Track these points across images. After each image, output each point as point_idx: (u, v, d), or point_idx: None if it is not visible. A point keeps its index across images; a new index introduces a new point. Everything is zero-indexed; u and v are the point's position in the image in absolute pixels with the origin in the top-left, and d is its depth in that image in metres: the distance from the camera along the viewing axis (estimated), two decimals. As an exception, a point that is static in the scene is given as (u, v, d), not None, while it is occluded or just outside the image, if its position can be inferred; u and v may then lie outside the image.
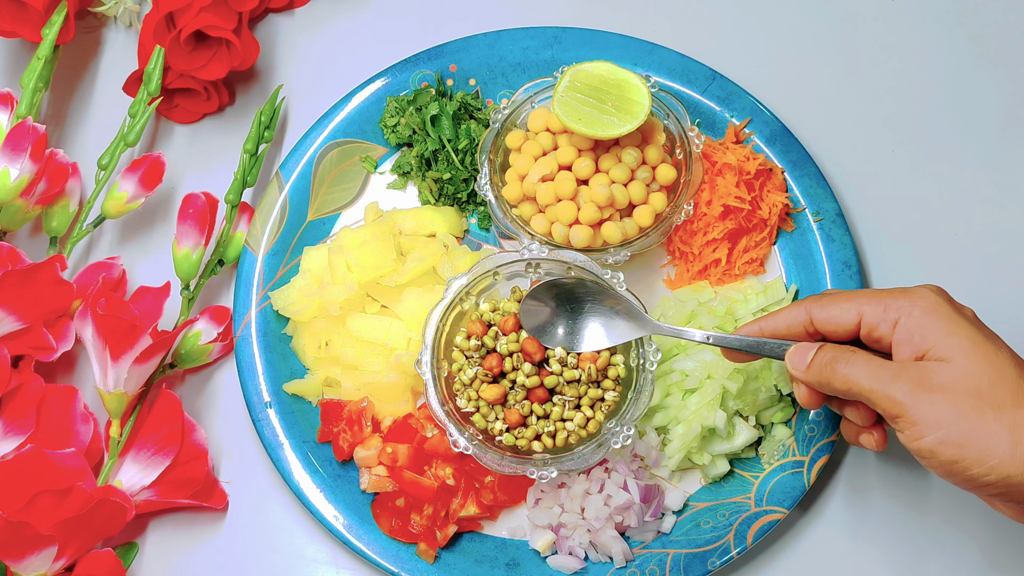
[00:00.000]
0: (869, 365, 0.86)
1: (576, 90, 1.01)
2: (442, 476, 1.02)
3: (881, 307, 0.88)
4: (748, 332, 0.94)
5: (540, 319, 0.98)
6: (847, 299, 0.90)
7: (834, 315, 0.90)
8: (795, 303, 0.93)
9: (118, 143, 1.08)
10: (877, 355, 0.88)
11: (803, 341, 0.92)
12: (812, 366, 0.89)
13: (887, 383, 0.84)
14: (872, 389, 0.85)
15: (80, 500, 0.94)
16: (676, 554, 1.01)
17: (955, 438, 0.82)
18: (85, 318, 0.98)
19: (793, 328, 0.92)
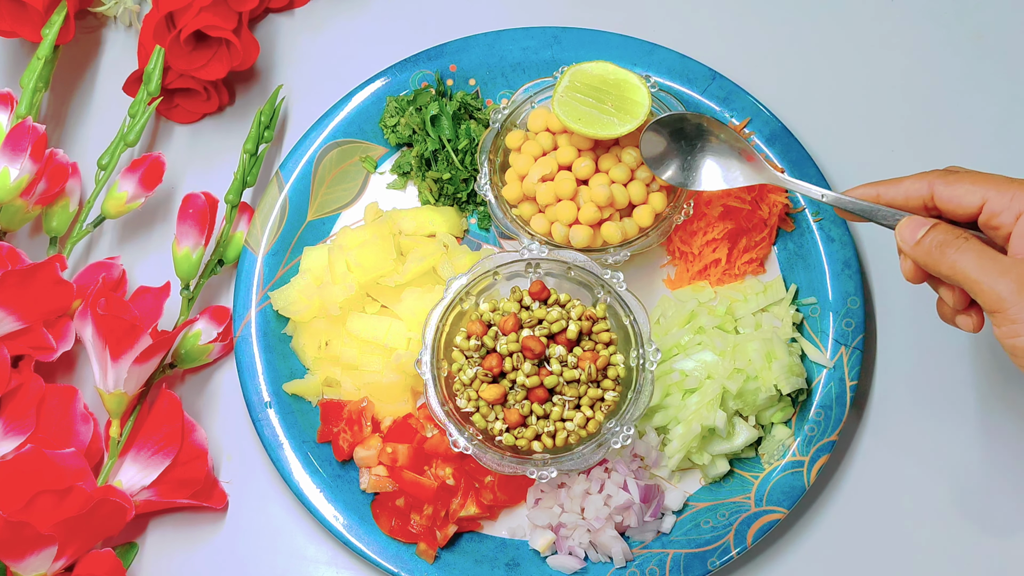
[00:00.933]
0: (980, 256, 0.84)
1: (576, 90, 1.01)
2: (442, 476, 1.02)
3: (1008, 196, 0.86)
4: (864, 195, 0.92)
5: (657, 150, 0.99)
6: (974, 181, 0.88)
7: (958, 195, 0.87)
8: (919, 174, 0.90)
9: (118, 143, 1.08)
10: (989, 244, 0.86)
11: (918, 214, 0.90)
12: (922, 243, 0.87)
13: (994, 277, 0.83)
14: (978, 280, 0.84)
15: (80, 500, 0.94)
16: (676, 554, 1.01)
17: None
18: (85, 318, 0.98)
19: (912, 200, 0.90)
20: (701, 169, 0.99)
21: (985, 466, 1.06)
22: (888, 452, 1.06)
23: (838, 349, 1.05)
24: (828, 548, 1.05)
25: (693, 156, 0.99)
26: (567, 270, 1.01)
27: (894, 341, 1.09)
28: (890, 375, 1.08)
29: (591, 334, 0.99)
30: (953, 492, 1.05)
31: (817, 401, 1.04)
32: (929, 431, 1.07)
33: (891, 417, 1.07)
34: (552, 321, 0.98)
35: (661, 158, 1.00)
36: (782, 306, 1.06)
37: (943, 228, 0.87)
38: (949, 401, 1.07)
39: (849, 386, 1.04)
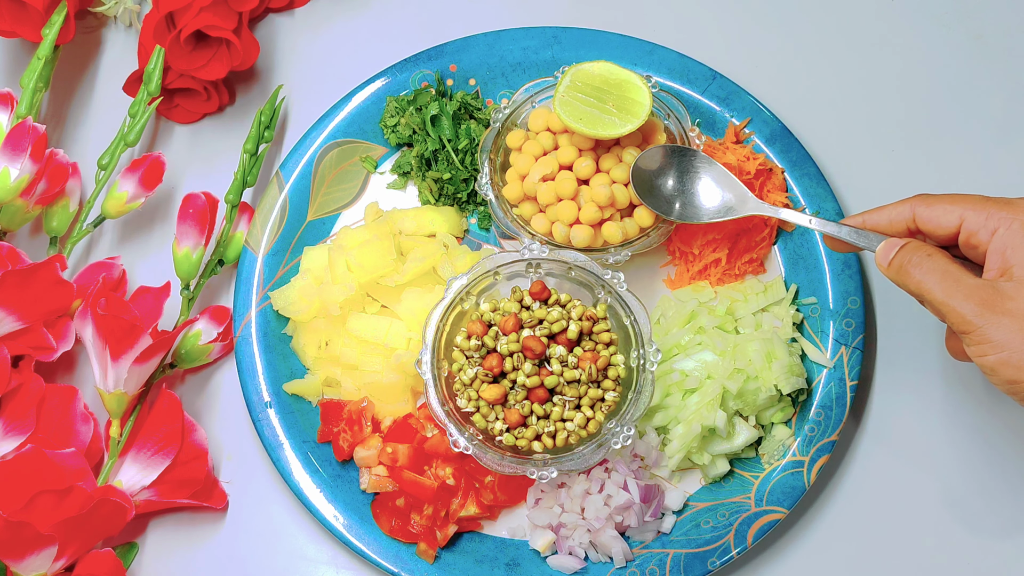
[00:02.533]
0: (944, 277, 0.86)
1: (577, 90, 1.01)
2: (442, 476, 1.02)
3: (984, 215, 0.88)
4: (851, 223, 0.94)
5: (649, 186, 1.01)
6: (952, 202, 0.89)
7: (936, 215, 0.90)
8: (903, 200, 0.92)
9: (118, 143, 1.08)
10: (968, 265, 0.88)
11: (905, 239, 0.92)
12: (892, 264, 0.89)
13: (958, 299, 0.85)
14: (942, 301, 0.86)
15: (80, 500, 0.94)
16: (676, 554, 1.01)
17: (1017, 361, 0.83)
18: (85, 318, 0.98)
19: (895, 224, 0.92)
20: (694, 200, 1.01)
21: (985, 466, 1.06)
22: (888, 452, 1.06)
23: (838, 349, 1.05)
24: (828, 548, 1.05)
25: (683, 187, 1.01)
26: (568, 270, 1.01)
27: (894, 341, 1.09)
28: (890, 375, 1.08)
29: (591, 334, 0.99)
30: (953, 492, 1.05)
31: (817, 401, 1.04)
32: (929, 431, 1.07)
33: (891, 417, 1.07)
34: (552, 321, 0.98)
35: (651, 186, 1.01)
36: (782, 306, 1.06)
37: (911, 247, 0.89)
38: (949, 401, 1.07)
39: (849, 386, 1.04)
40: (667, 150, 1.02)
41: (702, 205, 1.02)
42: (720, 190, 1.01)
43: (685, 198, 1.02)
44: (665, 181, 1.01)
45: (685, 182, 1.02)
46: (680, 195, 1.02)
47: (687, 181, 1.02)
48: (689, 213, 1.01)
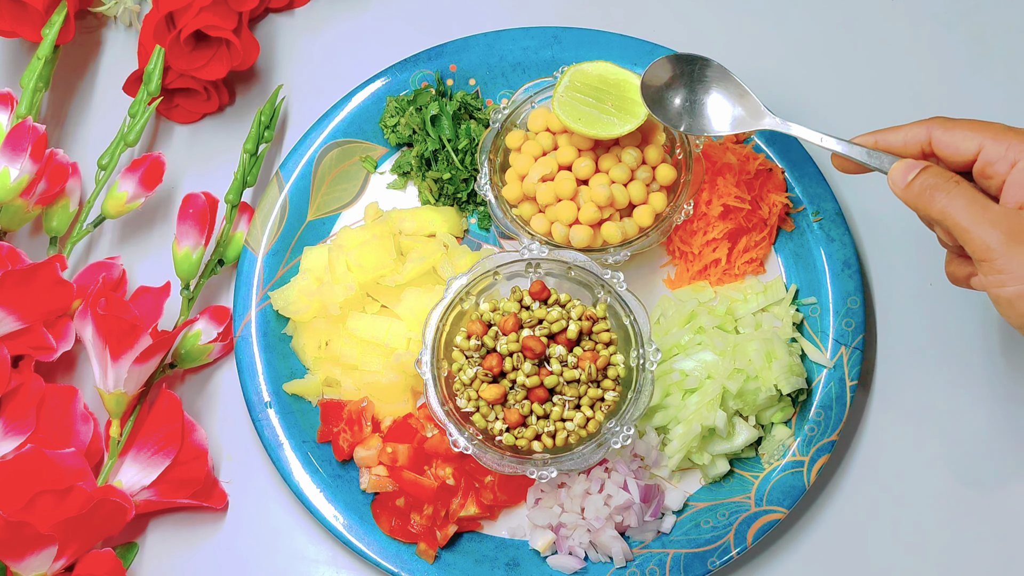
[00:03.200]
0: (971, 202, 0.84)
1: (576, 90, 1.01)
2: (442, 476, 1.02)
3: (1004, 145, 0.85)
4: (863, 142, 0.92)
5: (659, 87, 0.99)
6: (972, 128, 0.87)
7: (955, 141, 0.87)
8: (919, 121, 0.90)
9: (118, 143, 1.08)
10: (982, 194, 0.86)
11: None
12: (912, 186, 0.87)
13: (984, 226, 0.83)
14: (967, 227, 0.83)
15: (80, 500, 0.94)
16: (676, 554, 1.01)
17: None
18: (85, 318, 0.98)
19: (910, 146, 0.90)
20: (704, 111, 0.99)
21: (986, 466, 1.06)
22: (888, 452, 1.06)
23: (838, 349, 1.05)
24: (828, 548, 1.05)
25: (695, 98, 0.99)
26: (567, 270, 1.01)
27: (894, 341, 1.09)
28: (890, 375, 1.08)
29: (591, 334, 0.99)
30: (953, 492, 1.05)
31: (817, 401, 1.04)
32: (929, 431, 1.07)
33: (891, 417, 1.07)
34: (552, 321, 0.98)
35: (661, 98, 0.99)
36: (782, 306, 1.06)
37: (934, 171, 0.87)
38: (949, 401, 1.07)
39: (849, 386, 1.04)
40: (676, 60, 0.99)
41: (711, 118, 0.99)
42: (730, 104, 0.99)
43: (695, 110, 0.99)
44: (674, 94, 0.99)
45: (696, 93, 1.00)
46: (690, 108, 0.99)
47: (698, 92, 1.00)
48: (699, 126, 0.99)
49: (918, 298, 1.10)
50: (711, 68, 0.99)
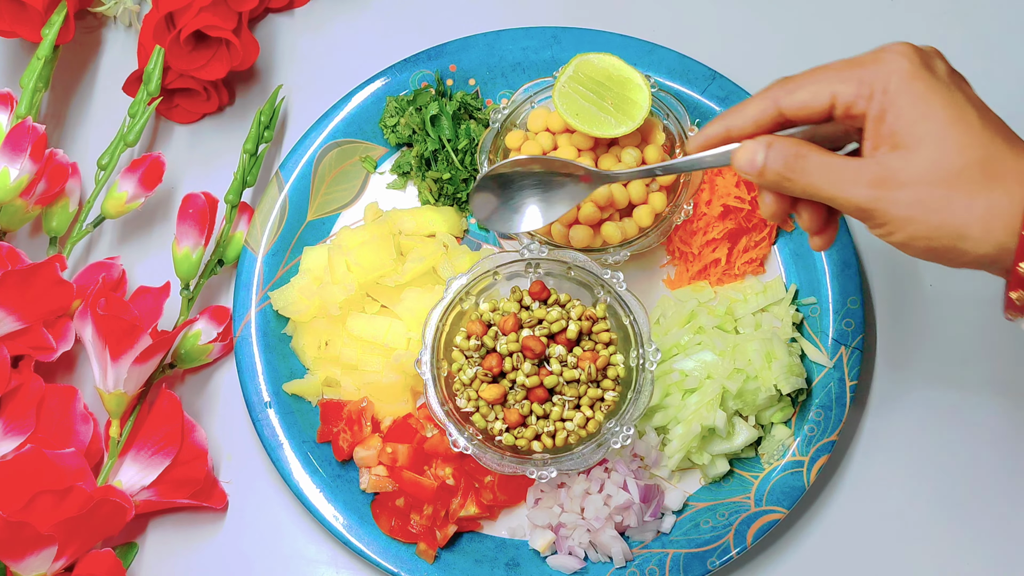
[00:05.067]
0: (826, 170, 0.80)
1: (579, 81, 1.01)
2: (442, 476, 1.02)
3: (854, 83, 0.79)
4: (714, 133, 0.85)
5: (489, 209, 0.96)
6: (816, 80, 0.81)
7: (804, 100, 0.81)
8: (760, 93, 0.83)
9: (118, 143, 1.08)
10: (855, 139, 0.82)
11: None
12: (766, 171, 0.82)
13: (849, 189, 0.79)
14: (833, 196, 0.79)
15: (80, 500, 0.94)
16: (676, 554, 1.01)
17: (924, 232, 0.77)
18: (85, 318, 0.98)
19: (762, 124, 0.83)
20: (523, 212, 0.96)
21: (985, 466, 1.06)
22: (888, 452, 1.06)
23: (838, 349, 1.05)
24: (828, 548, 1.05)
25: (515, 201, 0.96)
26: (567, 270, 1.01)
27: (894, 341, 1.09)
28: (890, 375, 1.08)
29: (591, 334, 0.99)
30: (953, 492, 1.05)
31: (817, 401, 1.04)
32: (929, 431, 1.07)
33: (891, 417, 1.07)
34: (552, 321, 0.98)
35: (494, 215, 0.97)
36: (782, 306, 1.06)
37: (779, 147, 0.81)
38: (949, 401, 1.07)
39: (849, 386, 1.04)
40: (492, 192, 0.96)
41: (536, 212, 0.97)
42: (553, 188, 0.96)
43: (517, 209, 0.97)
44: (501, 199, 0.96)
45: (518, 195, 0.97)
46: (513, 209, 0.97)
47: (519, 194, 0.97)
48: (521, 223, 0.97)
49: (918, 298, 1.10)
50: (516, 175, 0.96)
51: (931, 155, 0.77)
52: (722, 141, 0.85)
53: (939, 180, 0.77)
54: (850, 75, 0.80)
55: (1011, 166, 0.77)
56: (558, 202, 0.96)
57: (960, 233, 0.77)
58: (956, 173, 0.77)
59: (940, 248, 0.78)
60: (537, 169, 0.95)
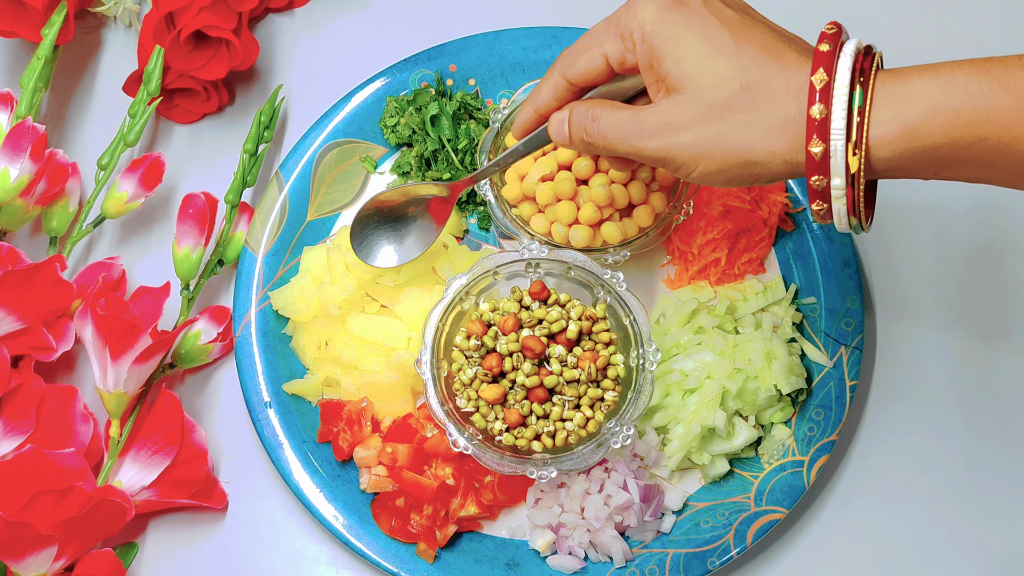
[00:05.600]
0: (615, 127, 0.81)
1: None
2: (442, 476, 1.02)
3: (617, 42, 0.81)
4: (526, 118, 0.89)
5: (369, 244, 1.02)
6: (587, 45, 0.83)
7: (584, 67, 0.84)
8: (548, 71, 0.86)
9: (118, 143, 1.08)
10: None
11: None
12: (572, 139, 0.85)
13: (638, 143, 0.80)
14: (628, 152, 0.81)
15: (80, 500, 0.94)
16: (676, 554, 1.01)
17: (715, 166, 0.78)
18: (85, 318, 0.98)
19: (561, 97, 0.86)
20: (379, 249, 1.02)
21: (985, 466, 1.06)
22: (888, 452, 1.06)
23: (838, 349, 1.05)
24: (828, 548, 1.05)
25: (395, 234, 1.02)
26: (567, 270, 1.01)
27: (894, 341, 1.09)
28: (890, 375, 1.08)
29: (591, 334, 0.99)
30: (953, 492, 1.05)
31: (817, 401, 1.04)
32: (929, 431, 1.07)
33: (891, 417, 1.07)
34: (552, 321, 0.98)
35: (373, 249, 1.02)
36: (782, 306, 1.06)
37: (576, 113, 0.84)
38: (949, 401, 1.07)
39: (849, 386, 1.04)
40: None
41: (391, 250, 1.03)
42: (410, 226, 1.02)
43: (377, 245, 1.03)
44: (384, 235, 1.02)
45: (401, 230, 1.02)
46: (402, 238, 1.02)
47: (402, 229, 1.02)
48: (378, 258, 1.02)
49: (918, 298, 1.10)
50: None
51: (698, 93, 0.77)
52: (537, 123, 0.89)
53: (712, 116, 0.77)
54: (612, 32, 0.82)
55: (779, 84, 0.77)
56: (413, 240, 1.02)
57: (747, 160, 0.77)
58: (725, 105, 0.77)
59: (737, 177, 0.79)
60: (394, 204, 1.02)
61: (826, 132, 0.75)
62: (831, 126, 0.75)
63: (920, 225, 1.12)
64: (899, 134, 0.74)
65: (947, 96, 0.73)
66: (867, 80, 0.75)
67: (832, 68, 0.76)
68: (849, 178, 0.76)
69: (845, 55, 0.77)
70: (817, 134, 0.75)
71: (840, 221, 0.78)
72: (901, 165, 0.75)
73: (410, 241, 1.02)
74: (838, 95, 0.75)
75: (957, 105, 0.73)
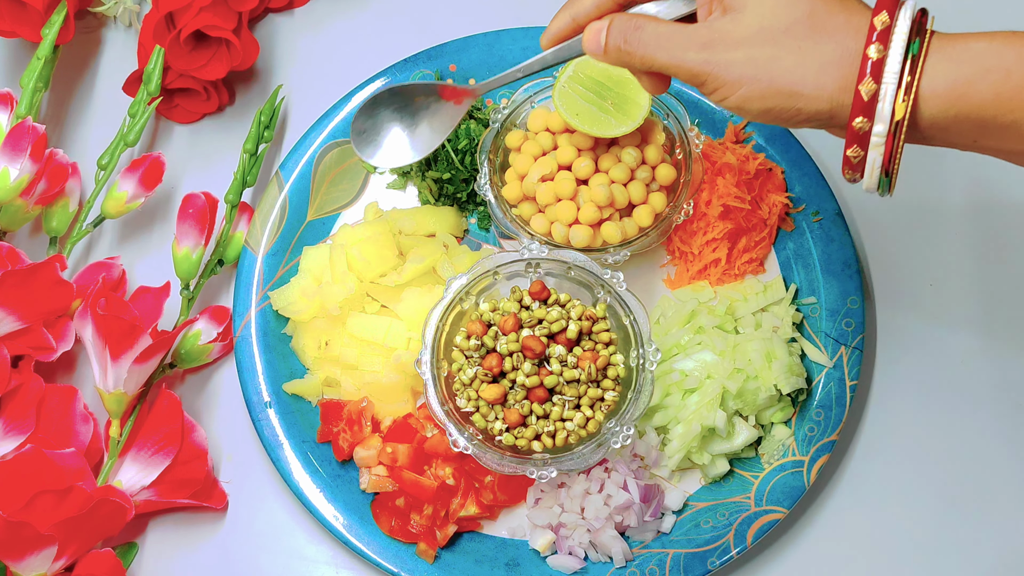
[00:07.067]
0: (661, 38, 0.80)
1: (578, 82, 1.01)
2: (442, 476, 1.02)
3: None
4: (562, 25, 0.87)
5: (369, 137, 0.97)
6: None
7: None
8: None
9: (118, 143, 1.08)
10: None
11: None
12: (608, 49, 0.82)
13: (681, 55, 0.79)
14: (668, 64, 0.79)
15: (80, 500, 0.94)
16: (676, 554, 1.01)
17: (758, 91, 0.77)
18: (85, 318, 0.98)
19: (604, 6, 0.85)
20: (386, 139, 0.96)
21: (985, 466, 1.06)
22: (888, 452, 1.06)
23: (838, 349, 1.05)
24: (828, 548, 1.05)
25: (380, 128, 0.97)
26: (567, 270, 1.01)
27: (894, 341, 1.09)
28: (890, 375, 1.08)
29: (591, 334, 0.99)
30: (953, 492, 1.05)
31: (817, 401, 1.04)
32: (929, 431, 1.07)
33: (891, 417, 1.07)
34: (552, 321, 0.98)
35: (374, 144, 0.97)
36: (782, 306, 1.06)
37: (618, 21, 0.82)
38: (949, 401, 1.07)
39: (849, 386, 1.04)
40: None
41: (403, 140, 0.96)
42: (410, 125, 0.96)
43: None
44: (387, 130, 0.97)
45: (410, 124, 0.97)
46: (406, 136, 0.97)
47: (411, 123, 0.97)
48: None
49: (918, 298, 1.10)
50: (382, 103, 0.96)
51: (758, 13, 0.77)
52: (572, 32, 0.87)
53: (768, 39, 0.77)
54: None
55: (840, 19, 0.77)
56: (425, 126, 0.95)
57: (793, 91, 0.77)
58: (784, 30, 0.77)
59: (776, 108, 0.78)
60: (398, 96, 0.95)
61: (879, 72, 0.75)
62: (885, 67, 0.75)
63: (921, 225, 1.12)
64: (949, 89, 0.75)
65: (1000, 59, 0.74)
66: (924, 33, 0.76)
67: (894, 13, 0.76)
68: (892, 126, 0.75)
69: (906, 6, 0.77)
70: (871, 73, 0.75)
71: (871, 175, 0.78)
72: (944, 125, 0.76)
73: (423, 129, 0.96)
74: (897, 38, 0.75)
75: (1009, 66, 0.74)
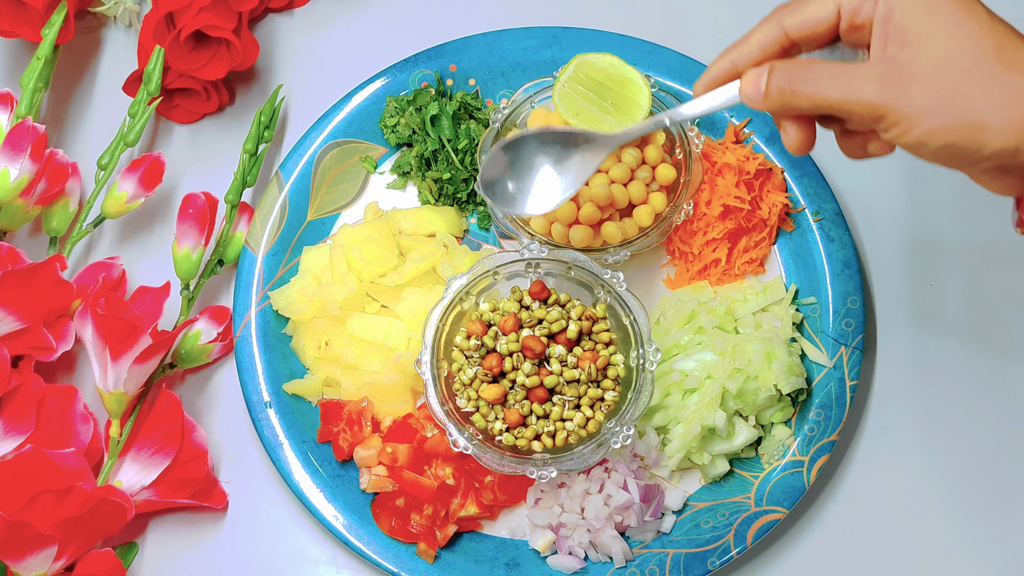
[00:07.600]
0: (832, 75, 0.77)
1: (579, 81, 1.01)
2: (442, 476, 1.02)
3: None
4: (720, 70, 0.84)
5: (498, 181, 0.94)
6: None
7: (810, 15, 0.80)
8: (762, 20, 0.82)
9: (118, 143, 1.08)
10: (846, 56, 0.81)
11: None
12: (769, 92, 0.79)
13: (858, 89, 0.76)
14: (842, 100, 0.77)
15: (80, 500, 0.94)
16: (676, 554, 1.01)
17: (942, 124, 0.74)
18: (85, 318, 0.98)
19: (769, 50, 0.82)
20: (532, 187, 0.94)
21: (985, 466, 1.06)
22: (888, 452, 1.06)
23: (838, 349, 1.05)
24: (828, 548, 1.05)
25: (528, 176, 0.94)
26: (567, 270, 1.01)
27: (894, 341, 1.09)
28: (890, 375, 1.08)
29: (591, 334, 0.99)
30: (953, 492, 1.05)
31: (817, 401, 1.04)
32: (929, 431, 1.07)
33: (891, 417, 1.07)
34: (552, 321, 0.98)
35: (504, 191, 0.94)
36: (782, 306, 1.06)
37: (781, 66, 0.79)
38: (949, 401, 1.07)
39: (849, 386, 1.04)
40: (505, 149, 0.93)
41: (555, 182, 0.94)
42: (570, 154, 0.93)
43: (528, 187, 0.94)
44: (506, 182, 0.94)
45: (531, 169, 0.94)
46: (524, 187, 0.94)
47: (534, 167, 0.94)
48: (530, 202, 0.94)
49: (918, 298, 1.10)
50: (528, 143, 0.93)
51: (943, 45, 0.75)
52: (729, 77, 0.84)
53: (953, 70, 0.75)
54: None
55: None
56: (573, 169, 0.93)
57: (979, 123, 0.74)
58: (971, 62, 0.75)
59: (958, 144, 0.75)
60: (547, 139, 0.93)
61: None
62: None
63: (921, 226, 1.12)
64: None
65: None
66: None
67: None
68: None
69: None
70: None
71: None
72: None
73: (574, 164, 0.92)
74: None
75: None
